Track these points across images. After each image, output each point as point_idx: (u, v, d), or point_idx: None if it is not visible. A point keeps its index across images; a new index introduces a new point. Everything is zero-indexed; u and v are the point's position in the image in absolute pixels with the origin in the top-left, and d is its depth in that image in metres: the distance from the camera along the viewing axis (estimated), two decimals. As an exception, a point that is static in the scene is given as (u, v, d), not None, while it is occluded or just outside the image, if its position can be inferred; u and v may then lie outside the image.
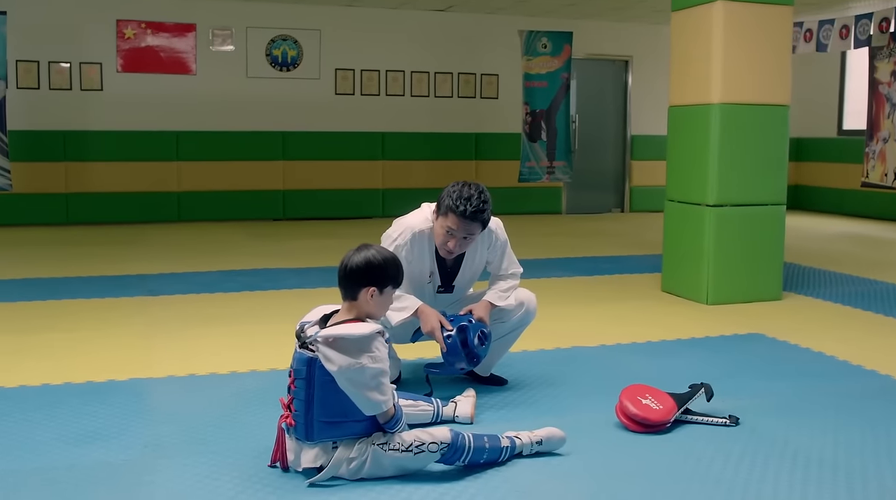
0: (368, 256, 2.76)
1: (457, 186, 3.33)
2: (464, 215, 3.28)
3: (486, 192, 3.36)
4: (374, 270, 2.75)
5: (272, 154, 10.54)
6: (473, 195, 3.29)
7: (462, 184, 3.34)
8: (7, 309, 5.29)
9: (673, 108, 5.74)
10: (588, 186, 11.80)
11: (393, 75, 10.89)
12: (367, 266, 2.74)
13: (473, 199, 3.28)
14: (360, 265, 2.74)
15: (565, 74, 10.40)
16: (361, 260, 2.75)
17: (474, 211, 3.28)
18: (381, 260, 2.77)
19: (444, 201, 3.33)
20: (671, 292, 5.80)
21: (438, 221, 3.38)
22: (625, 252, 7.92)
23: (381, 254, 2.79)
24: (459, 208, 3.27)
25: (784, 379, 3.83)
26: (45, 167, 9.66)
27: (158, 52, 9.89)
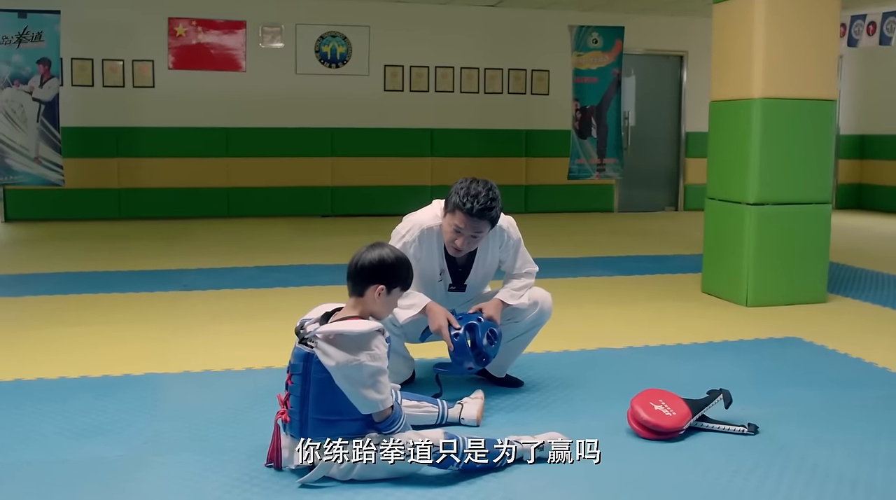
0: (383, 254, 2.71)
1: (464, 183, 3.23)
2: (471, 213, 3.18)
3: (496, 189, 3.26)
4: (386, 268, 2.70)
5: (321, 151, 10.56)
6: (481, 193, 3.18)
7: (470, 180, 3.24)
8: (46, 302, 5.37)
9: (714, 103, 5.55)
10: (641, 183, 11.57)
11: (442, 71, 10.82)
12: (380, 264, 2.69)
13: (481, 196, 3.17)
14: (374, 262, 2.69)
15: (616, 70, 10.20)
16: (375, 257, 2.70)
17: (482, 209, 3.18)
18: (393, 259, 2.72)
19: (452, 198, 3.23)
20: (711, 294, 5.62)
21: (446, 219, 3.29)
22: (672, 252, 7.72)
23: (394, 254, 2.73)
24: (466, 206, 3.17)
25: (814, 386, 3.65)
26: (99, 163, 9.84)
27: (209, 50, 9.99)
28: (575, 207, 11.20)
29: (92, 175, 9.80)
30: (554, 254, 7.60)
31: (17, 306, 5.26)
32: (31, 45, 8.73)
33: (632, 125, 11.41)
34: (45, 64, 8.81)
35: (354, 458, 2.55)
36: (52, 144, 8.97)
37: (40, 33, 8.76)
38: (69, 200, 9.73)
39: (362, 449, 2.56)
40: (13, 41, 8.67)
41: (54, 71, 8.90)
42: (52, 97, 8.90)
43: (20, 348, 4.23)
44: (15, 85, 8.74)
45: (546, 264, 7.04)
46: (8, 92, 8.74)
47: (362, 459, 2.54)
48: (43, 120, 8.87)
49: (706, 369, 3.90)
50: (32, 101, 8.80)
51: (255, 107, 10.27)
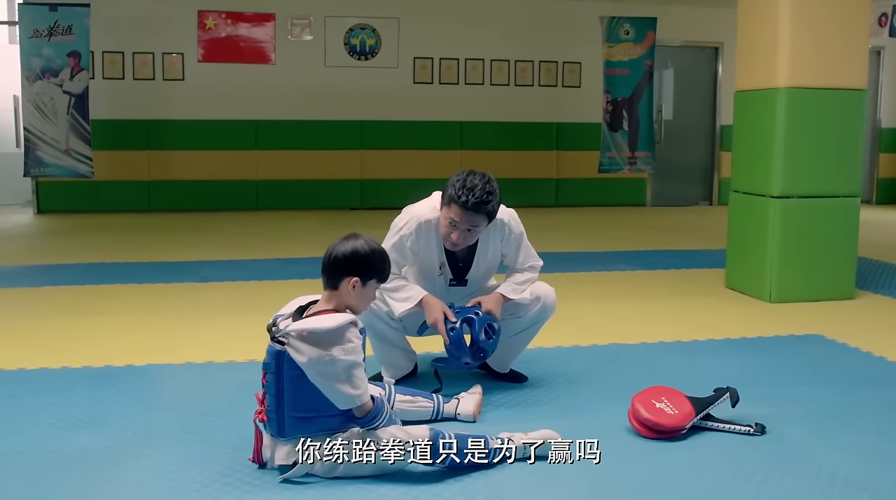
0: (356, 245, 2.64)
1: (461, 175, 3.12)
2: (465, 206, 3.07)
3: (494, 182, 3.14)
4: (360, 260, 2.62)
5: (350, 144, 10.54)
6: (477, 185, 3.06)
7: (467, 173, 3.12)
8: (65, 292, 5.40)
9: (739, 93, 5.39)
10: (675, 177, 11.38)
11: (472, 64, 10.73)
12: (354, 256, 2.62)
13: (477, 189, 3.05)
14: (346, 254, 2.62)
15: (649, 62, 10.03)
16: (348, 249, 2.63)
17: (477, 202, 3.06)
18: (368, 251, 2.64)
19: (448, 191, 3.12)
20: (735, 289, 5.47)
21: (442, 212, 3.19)
22: (701, 246, 7.55)
23: (369, 245, 2.65)
24: (461, 199, 3.06)
25: (830, 385, 3.51)
26: (129, 156, 9.92)
27: (238, 42, 10.01)
28: (606, 201, 11.06)
29: (122, 167, 9.88)
30: (580, 248, 7.50)
31: (36, 296, 5.29)
32: (62, 38, 8.81)
33: (666, 118, 11.22)
34: (75, 57, 8.89)
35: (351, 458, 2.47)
36: (82, 137, 9.05)
37: (70, 26, 8.84)
38: (100, 192, 9.82)
39: (349, 448, 2.49)
40: (44, 34, 8.75)
41: (84, 64, 8.97)
42: (82, 90, 8.98)
43: (29, 338, 4.24)
44: (46, 78, 8.83)
45: (570, 257, 6.99)
46: (39, 85, 8.83)
47: (352, 458, 2.48)
48: (73, 112, 8.95)
49: (719, 366, 3.77)
50: (63, 93, 8.89)
51: (284, 99, 10.27)
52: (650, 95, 10.16)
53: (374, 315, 3.32)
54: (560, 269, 6.33)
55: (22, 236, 8.22)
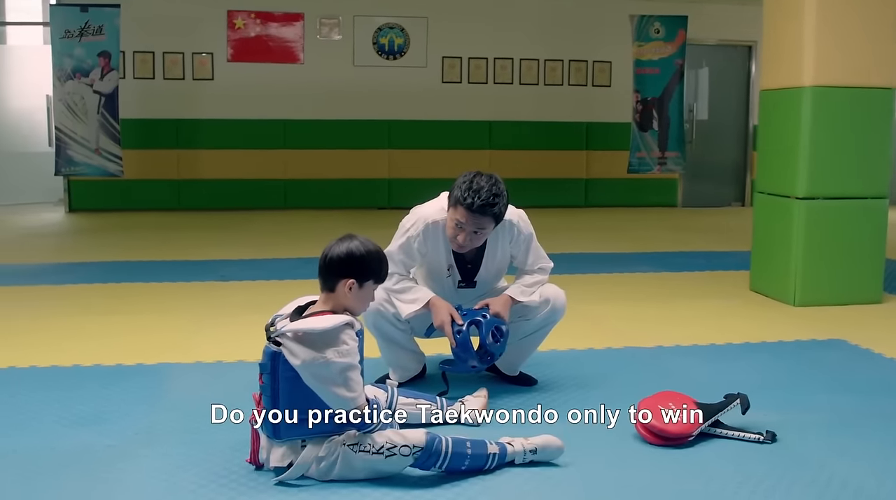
0: (351, 246, 2.61)
1: (468, 177, 3.07)
2: (471, 208, 3.02)
3: (501, 184, 3.09)
4: (356, 262, 2.59)
5: (378, 143, 10.54)
6: (483, 187, 3.01)
7: (474, 174, 3.07)
8: (86, 290, 5.44)
9: (764, 92, 5.28)
10: (707, 178, 11.23)
11: (501, 63, 10.67)
12: (349, 257, 2.59)
13: (483, 191, 3.01)
14: (342, 256, 2.59)
15: (679, 61, 9.90)
16: (343, 250, 2.60)
17: (483, 204, 3.01)
18: (363, 252, 2.61)
19: (454, 192, 3.08)
20: (759, 292, 5.36)
21: (449, 213, 3.14)
22: (730, 248, 7.42)
23: (364, 246, 2.62)
24: (467, 201, 3.01)
25: (849, 393, 3.41)
26: (159, 155, 10.01)
27: (267, 42, 10.05)
28: (636, 201, 10.94)
29: (152, 166, 9.97)
30: (606, 249, 7.41)
31: (58, 294, 5.33)
32: (92, 38, 8.91)
33: (698, 118, 11.08)
34: (105, 57, 8.98)
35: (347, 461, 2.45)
36: (112, 136, 9.15)
37: (101, 27, 8.93)
38: (130, 191, 9.92)
39: (341, 449, 2.47)
40: (75, 35, 8.85)
41: (114, 64, 9.06)
42: (112, 90, 9.07)
43: (44, 335, 4.27)
44: (76, 78, 8.93)
45: (594, 258, 6.92)
46: (70, 84, 8.93)
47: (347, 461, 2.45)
48: (103, 112, 9.05)
49: (735, 371, 3.69)
50: (93, 93, 8.99)
51: (313, 99, 10.29)
52: (681, 95, 10.03)
53: (382, 317, 3.29)
54: (583, 270, 6.27)
55: (52, 234, 8.32)
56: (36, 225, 8.88)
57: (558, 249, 7.31)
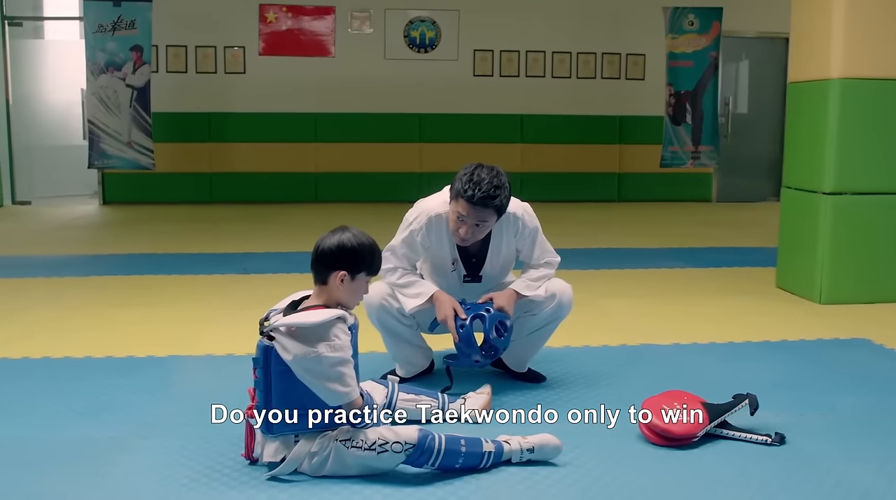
0: (343, 239, 2.58)
1: (469, 169, 3.03)
2: (472, 201, 2.98)
3: (503, 176, 3.05)
4: (347, 254, 2.56)
5: (409, 136, 10.52)
6: (485, 179, 2.97)
7: (475, 166, 3.04)
8: (110, 282, 5.50)
9: (792, 84, 5.16)
10: (742, 173, 11.04)
11: (533, 56, 10.58)
12: (339, 250, 2.56)
13: (484, 183, 2.96)
14: (332, 248, 2.57)
15: (714, 53, 9.73)
16: (335, 243, 2.58)
17: (483, 197, 2.97)
18: (355, 244, 2.58)
19: (455, 184, 3.04)
20: (785, 289, 5.24)
21: (451, 206, 3.11)
22: (762, 244, 7.28)
23: (356, 238, 2.59)
24: (468, 193, 2.97)
25: (866, 394, 3.31)
26: (191, 148, 10.09)
27: (298, 36, 10.07)
28: (670, 196, 10.79)
29: (184, 159, 10.05)
30: (635, 244, 7.32)
31: (82, 286, 5.38)
32: (125, 32, 8.99)
33: (735, 112, 10.90)
34: (137, 51, 9.06)
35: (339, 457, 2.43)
36: (144, 129, 9.23)
37: (133, 21, 9.01)
38: (162, 184, 10.02)
39: (334, 444, 2.44)
40: (108, 29, 8.95)
41: (146, 58, 9.14)
42: (144, 83, 9.15)
43: (62, 327, 4.31)
44: (109, 72, 9.03)
45: (621, 253, 6.83)
46: (103, 78, 9.03)
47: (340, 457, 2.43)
48: (135, 105, 9.14)
49: (751, 370, 3.60)
50: (125, 87, 9.08)
51: (344, 92, 10.30)
52: (715, 88, 9.86)
53: (386, 311, 3.26)
54: (609, 265, 6.20)
55: (84, 227, 8.42)
56: (69, 217, 9.00)
57: (588, 244, 7.26)
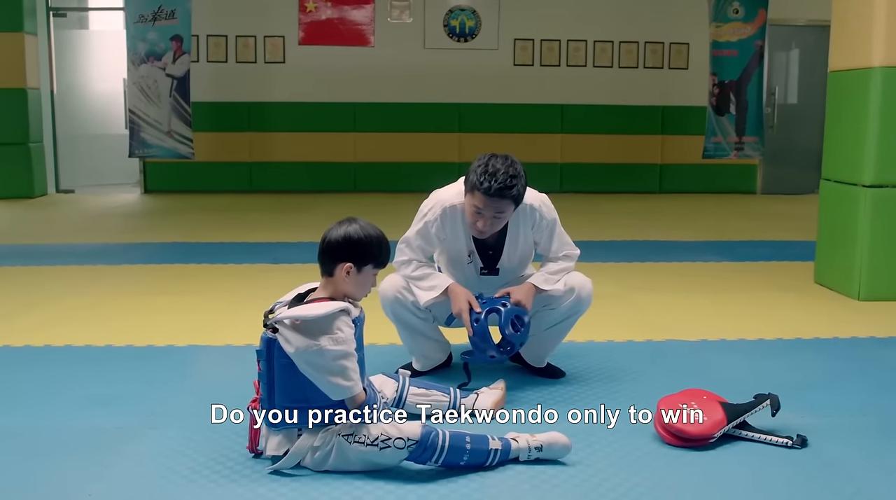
0: (350, 230, 2.54)
1: (483, 160, 2.99)
2: (488, 193, 2.92)
3: (517, 165, 2.99)
4: (353, 246, 2.52)
5: (448, 126, 10.46)
6: (500, 170, 2.92)
7: (489, 157, 2.99)
8: (140, 271, 5.55)
9: (833, 73, 4.99)
10: (789, 164, 10.78)
11: (574, 45, 10.44)
12: (346, 241, 2.53)
13: (500, 174, 2.91)
14: (339, 240, 2.54)
15: (759, 42, 9.49)
16: (341, 234, 2.54)
17: (500, 188, 2.91)
18: (362, 236, 2.54)
19: (470, 177, 2.99)
20: (824, 285, 5.09)
21: (466, 199, 3.06)
22: (804, 237, 7.08)
23: (364, 230, 2.55)
24: (484, 185, 2.92)
25: (898, 396, 3.18)
26: (231, 137, 10.15)
27: (338, 25, 10.05)
28: (714, 187, 10.59)
29: (224, 149, 10.12)
30: (674, 237, 7.17)
31: (114, 274, 5.43)
32: (165, 22, 9.06)
33: (782, 102, 10.64)
34: (177, 41, 9.12)
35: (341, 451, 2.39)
36: (184, 119, 9.30)
37: (173, 11, 9.07)
38: (203, 173, 10.10)
39: (336, 439, 2.41)
40: (149, 19, 9.02)
41: (186, 47, 9.20)
42: (184, 73, 9.21)
43: (88, 315, 4.34)
44: (150, 61, 9.11)
45: (657, 246, 6.69)
46: (143, 68, 9.11)
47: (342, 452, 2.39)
48: (175, 95, 9.20)
49: (778, 368, 3.49)
50: (165, 76, 9.15)
51: (383, 82, 10.27)
52: (760, 77, 9.62)
53: (401, 305, 3.21)
54: (643, 258, 6.09)
55: (123, 215, 8.52)
56: (110, 206, 9.11)
57: (626, 236, 7.14)
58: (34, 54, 9.47)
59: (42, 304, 4.57)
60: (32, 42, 9.44)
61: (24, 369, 3.42)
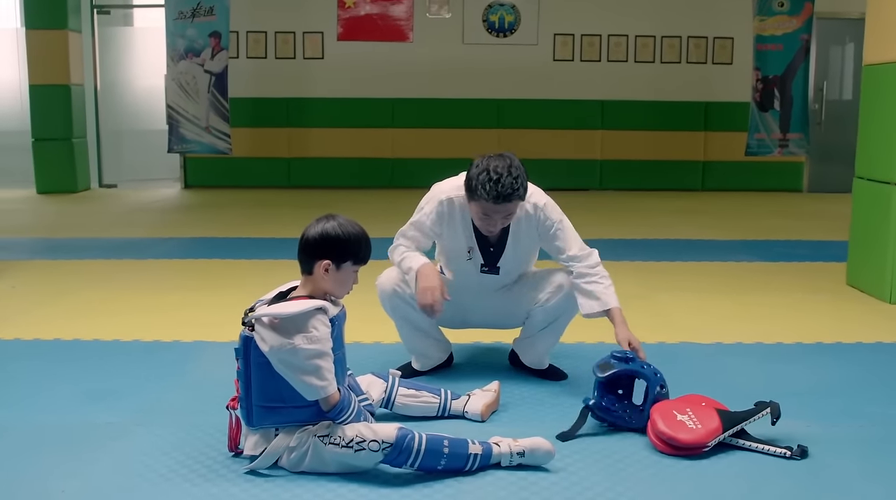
0: (326, 227, 2.50)
1: (482, 165, 2.91)
2: (497, 200, 2.88)
3: (517, 164, 2.93)
4: (331, 243, 2.48)
5: (487, 122, 10.38)
6: (503, 175, 2.86)
7: (487, 161, 2.92)
8: (170, 266, 5.60)
9: (867, 67, 4.81)
10: (836, 161, 10.45)
11: (615, 40, 10.28)
12: (323, 238, 2.49)
13: (504, 178, 2.86)
14: (315, 237, 2.50)
15: (805, 36, 9.23)
16: (318, 232, 2.50)
17: (508, 193, 2.88)
18: (339, 233, 2.49)
19: (472, 184, 2.92)
20: (855, 287, 4.91)
21: (471, 206, 3.01)
22: (842, 237, 6.86)
23: (342, 227, 2.51)
24: (491, 194, 2.87)
25: (916, 405, 3.04)
26: (269, 133, 10.21)
27: (376, 21, 10.03)
28: (758, 185, 10.33)
29: (263, 144, 10.17)
30: (710, 235, 7.01)
31: (140, 268, 5.48)
32: (204, 19, 9.13)
33: (831, 97, 10.34)
34: (215, 37, 9.19)
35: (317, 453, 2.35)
36: (221, 114, 9.37)
37: (212, 7, 9.14)
38: (241, 168, 10.17)
39: (312, 440, 2.37)
40: (188, 16, 9.10)
41: (224, 44, 9.26)
42: (222, 69, 9.28)
43: (106, 309, 4.38)
44: (189, 58, 9.19)
45: (690, 245, 6.53)
46: (182, 64, 9.20)
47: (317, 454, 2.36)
48: (213, 91, 9.28)
49: (791, 374, 3.36)
50: (204, 73, 9.22)
51: (422, 77, 10.23)
52: (805, 73, 9.35)
53: (400, 298, 3.17)
54: (674, 257, 5.96)
55: (159, 210, 8.61)
56: (148, 200, 9.23)
57: (662, 234, 7.00)
58: (78, 51, 9.63)
59: (60, 298, 4.62)
60: (77, 39, 9.60)
61: (28, 362, 3.46)
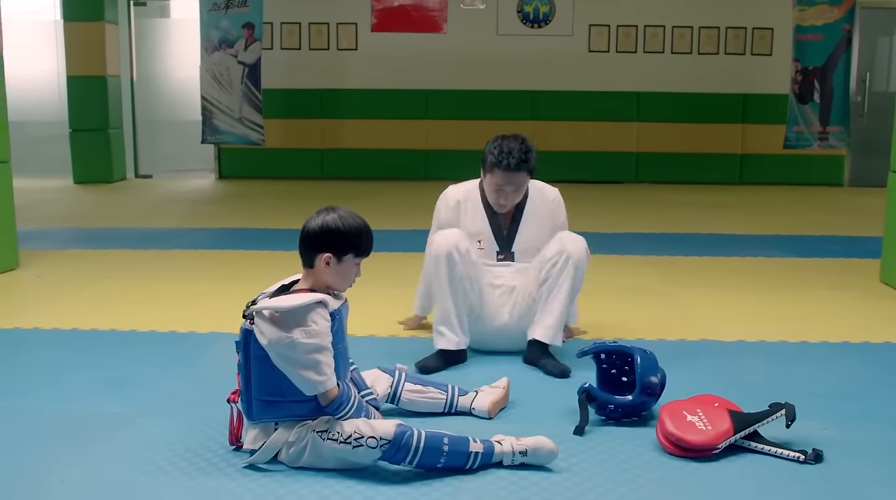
0: (327, 219, 2.48)
1: (497, 141, 3.36)
2: (508, 169, 3.30)
3: (528, 141, 3.39)
4: (331, 235, 2.46)
5: (521, 114, 10.27)
6: (514, 147, 3.31)
7: (501, 138, 3.36)
8: (196, 256, 5.62)
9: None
10: (880, 155, 10.14)
11: (652, 31, 10.12)
12: (323, 231, 2.46)
13: (515, 151, 3.31)
14: (316, 229, 2.47)
15: (847, 26, 8.99)
16: (318, 224, 2.48)
17: (518, 162, 3.30)
18: (340, 225, 2.47)
19: (488, 159, 3.35)
20: (889, 284, 4.77)
21: (486, 180, 3.41)
22: (878, 233, 6.69)
23: (342, 219, 2.48)
24: (503, 163, 3.30)
25: (940, 409, 2.93)
26: (303, 124, 10.22)
27: (410, 12, 9.99)
28: (797, 179, 10.12)
29: (296, 135, 10.19)
30: (744, 230, 6.88)
31: (166, 259, 5.52)
32: (238, 10, 9.15)
33: (876, 89, 10.09)
34: (249, 28, 9.21)
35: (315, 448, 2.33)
36: (255, 106, 9.40)
37: (246, -1, 9.17)
38: (275, 159, 10.20)
39: (311, 435, 2.35)
40: (221, 7, 9.13)
41: (257, 35, 9.28)
42: (255, 60, 9.30)
43: (127, 298, 4.41)
44: (222, 49, 9.22)
45: (720, 240, 6.40)
46: (216, 56, 9.24)
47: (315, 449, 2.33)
48: (246, 82, 9.30)
49: (813, 374, 3.27)
50: (237, 64, 9.25)
51: (455, 69, 10.17)
52: (847, 64, 9.12)
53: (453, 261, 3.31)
54: (701, 252, 5.86)
55: (191, 201, 8.66)
56: (181, 191, 9.30)
57: (695, 228, 6.88)
58: (115, 43, 9.72)
59: (83, 287, 4.66)
60: (113, 31, 9.69)
61: (44, 351, 3.49)
